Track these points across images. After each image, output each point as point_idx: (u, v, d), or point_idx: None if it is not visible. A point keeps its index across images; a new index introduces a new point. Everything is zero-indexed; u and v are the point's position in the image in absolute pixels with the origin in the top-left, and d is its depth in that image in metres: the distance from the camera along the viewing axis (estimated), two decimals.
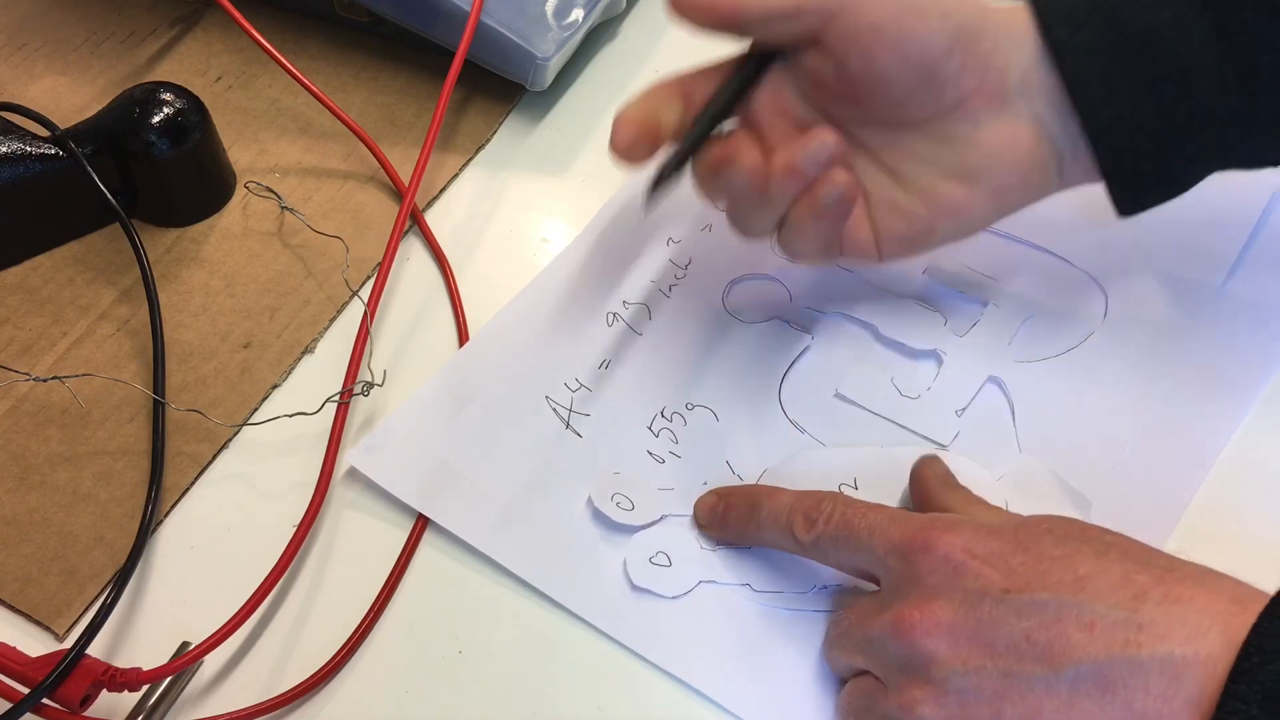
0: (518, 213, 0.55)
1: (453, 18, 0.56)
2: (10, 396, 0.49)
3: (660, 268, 0.51)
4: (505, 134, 0.58)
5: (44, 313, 0.51)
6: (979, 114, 0.40)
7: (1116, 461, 0.44)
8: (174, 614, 0.43)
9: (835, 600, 0.42)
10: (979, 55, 0.40)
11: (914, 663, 0.35)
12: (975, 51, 0.40)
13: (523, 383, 0.48)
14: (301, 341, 0.50)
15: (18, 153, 0.50)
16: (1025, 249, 0.51)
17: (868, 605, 0.38)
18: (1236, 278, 0.49)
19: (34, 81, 0.60)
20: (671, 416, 0.47)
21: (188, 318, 0.51)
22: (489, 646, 0.42)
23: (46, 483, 0.46)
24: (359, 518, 0.45)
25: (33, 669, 0.38)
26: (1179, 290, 0.49)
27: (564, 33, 0.57)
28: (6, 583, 0.43)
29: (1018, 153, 0.41)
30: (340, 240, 0.53)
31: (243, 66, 0.61)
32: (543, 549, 0.43)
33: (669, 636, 0.41)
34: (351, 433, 0.47)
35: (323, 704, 0.41)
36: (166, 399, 0.48)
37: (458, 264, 0.53)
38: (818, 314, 0.50)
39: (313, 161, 0.57)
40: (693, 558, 0.43)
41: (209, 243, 0.54)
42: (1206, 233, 0.51)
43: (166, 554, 0.44)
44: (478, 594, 0.43)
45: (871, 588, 0.39)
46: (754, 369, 0.48)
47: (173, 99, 0.52)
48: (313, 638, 0.42)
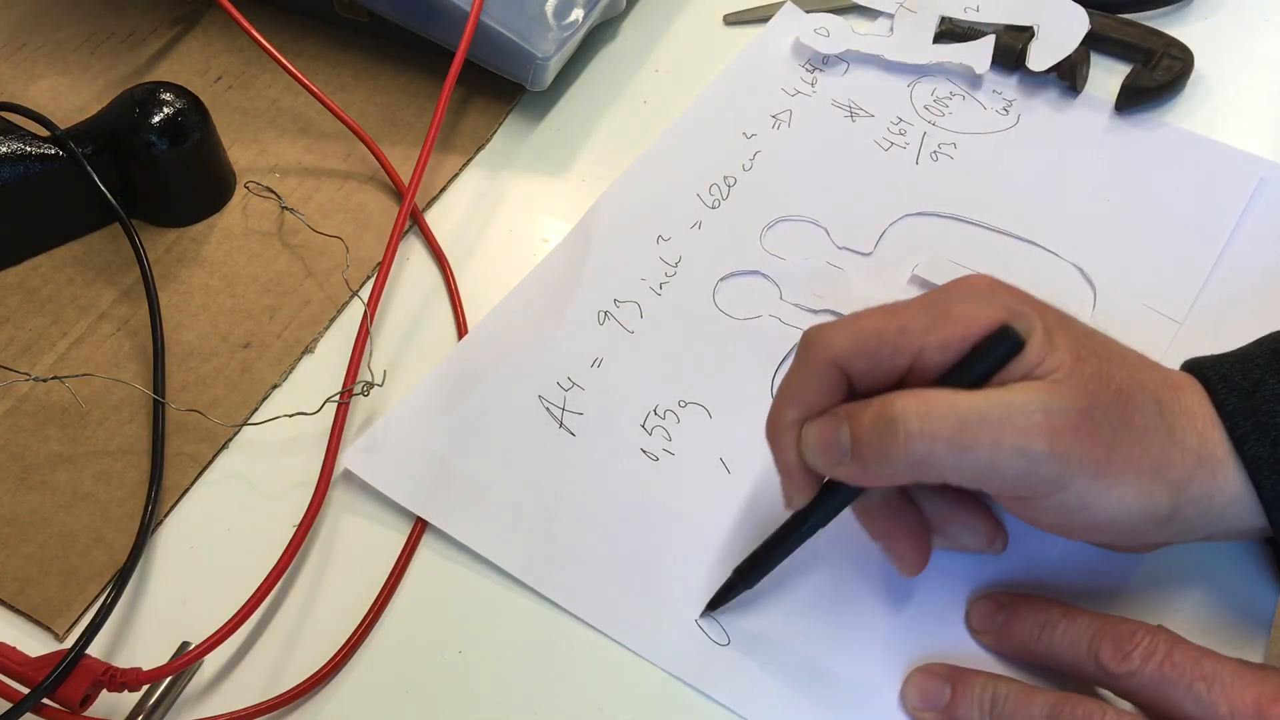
0: (517, 212, 0.55)
1: (453, 18, 0.56)
2: (10, 396, 0.49)
3: (651, 266, 0.52)
4: (505, 134, 0.58)
5: (44, 313, 0.51)
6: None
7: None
8: (174, 614, 0.43)
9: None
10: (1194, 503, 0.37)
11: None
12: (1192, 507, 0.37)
13: (516, 382, 0.48)
14: (301, 341, 0.50)
15: (18, 153, 0.50)
16: (1013, 242, 0.51)
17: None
18: (1222, 266, 0.50)
19: (34, 81, 0.60)
20: (664, 414, 0.47)
21: (188, 318, 0.51)
22: (489, 646, 0.42)
23: (46, 483, 0.46)
24: (359, 518, 0.45)
25: (33, 669, 0.38)
26: (1166, 281, 0.50)
27: (564, 33, 0.57)
28: (6, 583, 0.44)
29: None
30: (340, 240, 0.53)
31: (243, 66, 0.61)
32: (538, 549, 0.43)
33: (668, 636, 0.41)
34: (351, 433, 0.47)
35: (323, 704, 0.41)
36: (166, 399, 0.48)
37: (458, 264, 0.53)
38: (808, 311, 0.50)
39: (313, 161, 0.57)
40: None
41: (209, 243, 0.54)
42: (1192, 224, 0.52)
43: (166, 554, 0.45)
44: (477, 594, 0.43)
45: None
46: (746, 366, 0.48)
47: (173, 99, 0.52)
48: (313, 638, 0.42)
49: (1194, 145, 0.55)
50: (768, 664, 0.41)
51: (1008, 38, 0.58)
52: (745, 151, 0.56)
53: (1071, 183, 0.54)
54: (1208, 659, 0.36)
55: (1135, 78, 0.56)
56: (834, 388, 0.37)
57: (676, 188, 0.54)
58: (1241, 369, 0.38)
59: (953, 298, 0.37)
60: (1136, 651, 0.36)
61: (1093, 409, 0.35)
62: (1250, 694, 0.35)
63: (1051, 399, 0.35)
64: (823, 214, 0.53)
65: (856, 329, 0.37)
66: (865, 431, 0.36)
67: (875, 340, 0.36)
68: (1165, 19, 0.61)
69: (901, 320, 0.36)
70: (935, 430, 0.34)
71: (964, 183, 0.54)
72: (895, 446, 0.35)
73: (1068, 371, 0.35)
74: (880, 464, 0.35)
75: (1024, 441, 0.34)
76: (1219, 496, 0.37)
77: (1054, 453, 0.34)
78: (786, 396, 0.38)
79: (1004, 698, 0.37)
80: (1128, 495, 0.36)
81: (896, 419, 0.35)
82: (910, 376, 0.36)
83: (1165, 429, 0.37)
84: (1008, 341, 0.35)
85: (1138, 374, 0.37)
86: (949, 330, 0.36)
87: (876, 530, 0.40)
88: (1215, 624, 0.41)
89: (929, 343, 0.36)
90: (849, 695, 0.40)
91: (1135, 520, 0.36)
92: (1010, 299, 0.37)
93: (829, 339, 0.37)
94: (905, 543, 0.40)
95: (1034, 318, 0.36)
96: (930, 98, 0.58)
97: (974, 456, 0.34)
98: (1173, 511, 0.37)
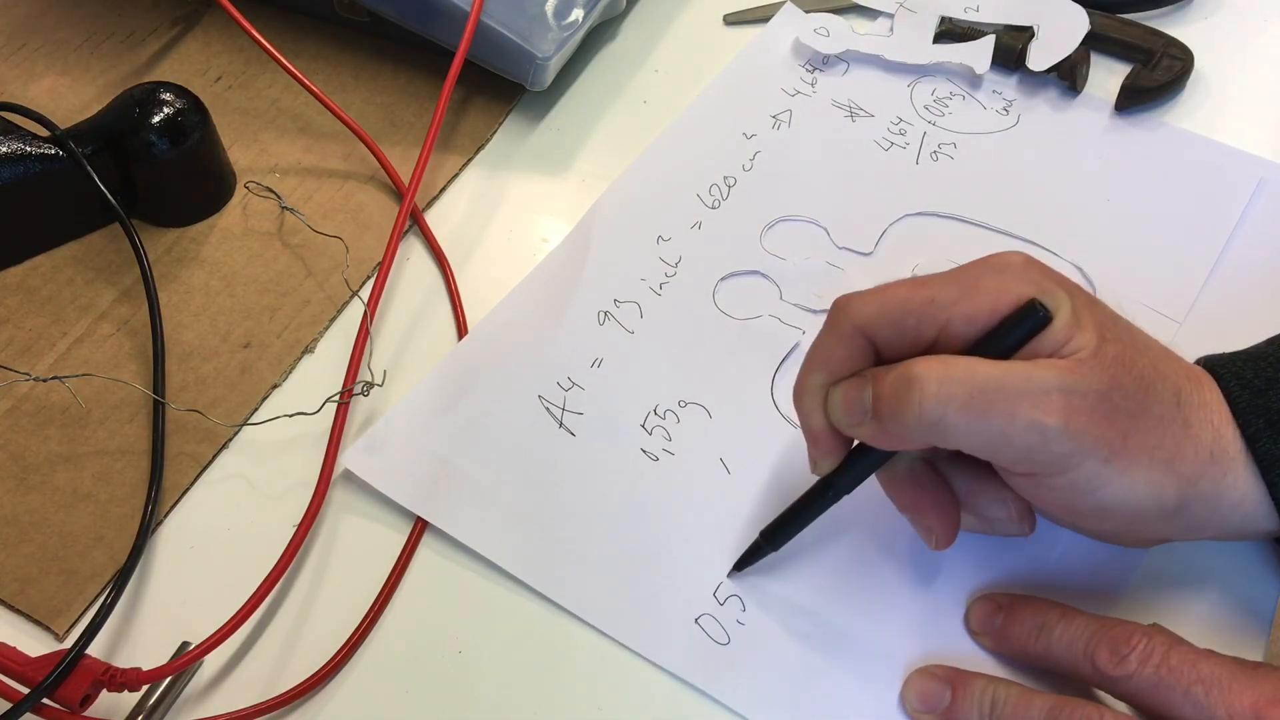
0: (518, 213, 0.55)
1: (453, 18, 0.56)
2: (10, 396, 0.49)
3: (651, 266, 0.52)
4: (505, 134, 0.58)
5: (44, 313, 0.51)
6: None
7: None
8: (174, 614, 0.43)
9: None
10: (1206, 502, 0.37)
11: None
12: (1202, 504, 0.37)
13: (516, 382, 0.48)
14: (301, 341, 0.50)
15: (18, 153, 0.50)
16: (1013, 242, 0.51)
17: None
18: (1222, 266, 0.50)
19: (34, 81, 0.60)
20: (664, 414, 0.47)
21: (188, 318, 0.51)
22: (489, 646, 0.42)
23: (46, 483, 0.46)
24: (359, 518, 0.45)
25: (33, 669, 0.38)
26: (1166, 281, 0.50)
27: (564, 33, 0.57)
28: (6, 583, 0.44)
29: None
30: (340, 240, 0.53)
31: (243, 66, 0.61)
32: (538, 549, 0.43)
33: (668, 635, 0.41)
34: (351, 433, 0.47)
35: (323, 704, 0.41)
36: (166, 399, 0.48)
37: (458, 264, 0.53)
38: (807, 311, 0.50)
39: (313, 161, 0.57)
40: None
41: (209, 243, 0.54)
42: (1192, 224, 0.52)
43: (166, 554, 0.45)
44: (477, 594, 0.43)
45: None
46: (746, 365, 0.48)
47: (173, 99, 0.52)
48: (313, 638, 0.42)
49: (1194, 145, 0.55)
50: (767, 664, 0.41)
51: (1008, 38, 0.58)
52: (745, 151, 0.56)
53: (1071, 183, 0.54)
54: (1205, 661, 0.36)
55: (1135, 78, 0.56)
56: (860, 354, 0.37)
57: (676, 188, 0.54)
58: (1255, 367, 0.38)
59: (983, 272, 0.37)
60: (1133, 655, 0.36)
61: (1113, 392, 0.35)
62: (1248, 697, 0.35)
63: (1073, 378, 0.35)
64: (823, 214, 0.53)
65: (885, 298, 0.37)
66: (885, 390, 0.36)
67: (902, 310, 0.37)
68: (1165, 19, 0.61)
69: (930, 291, 0.36)
70: (952, 394, 0.34)
71: (964, 183, 0.54)
72: (911, 406, 0.35)
73: (1092, 352, 0.35)
74: (896, 423, 0.35)
75: (1039, 416, 0.34)
76: (1229, 495, 0.37)
77: (1068, 431, 0.34)
78: (814, 361, 0.39)
79: (1003, 701, 0.37)
80: (1137, 483, 0.36)
81: (915, 379, 0.35)
82: (936, 348, 0.37)
83: (1182, 421, 0.37)
84: (1035, 317, 0.35)
85: (1160, 363, 0.37)
86: (977, 303, 0.36)
87: (903, 501, 0.40)
88: (1215, 624, 0.41)
89: (956, 314, 0.36)
90: (849, 695, 0.40)
91: (1141, 510, 0.36)
92: (1041, 276, 0.37)
93: (857, 307, 0.37)
94: (932, 515, 0.40)
95: (1063, 296, 0.36)
96: (930, 98, 0.58)
97: (987, 425, 0.34)
98: (1179, 506, 0.37)
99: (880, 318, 0.37)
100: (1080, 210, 0.53)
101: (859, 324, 0.37)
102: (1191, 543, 0.42)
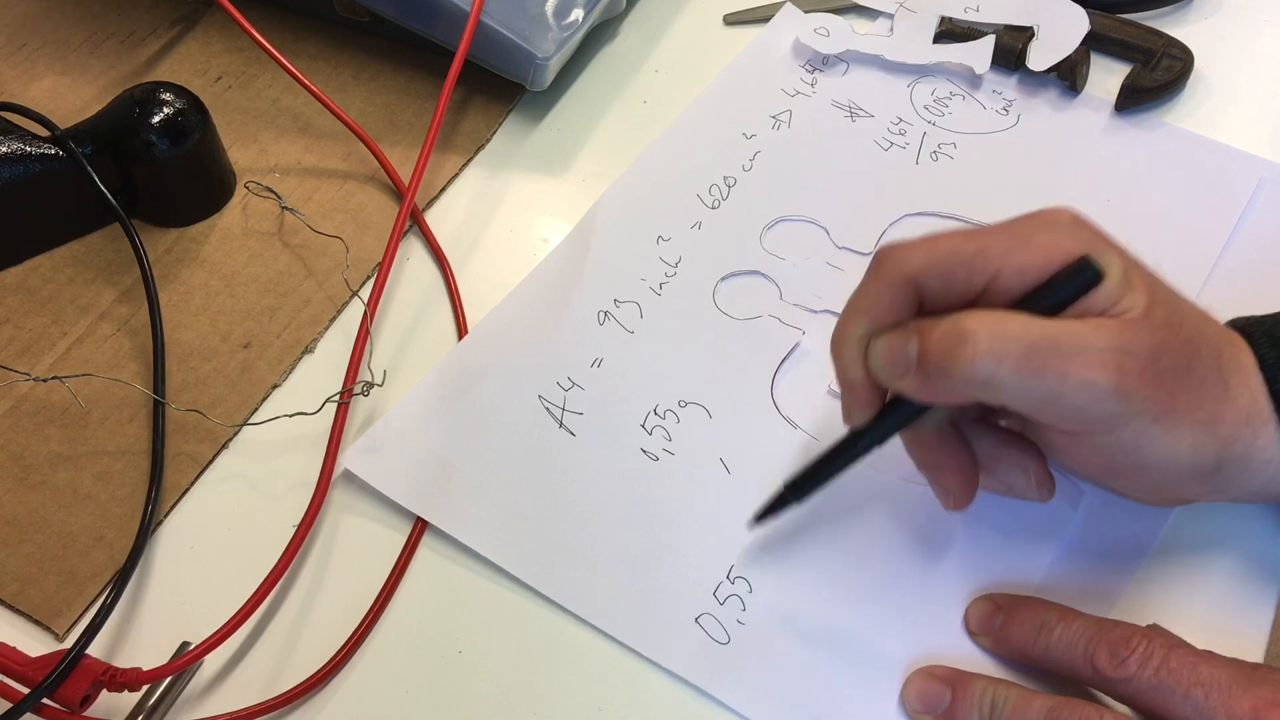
0: (517, 213, 0.55)
1: (453, 18, 0.56)
2: (10, 396, 0.49)
3: (651, 266, 0.52)
4: (505, 134, 0.58)
5: (44, 313, 0.51)
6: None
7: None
8: (174, 614, 0.43)
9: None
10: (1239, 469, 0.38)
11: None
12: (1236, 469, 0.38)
13: (516, 382, 0.48)
14: (301, 341, 0.50)
15: (18, 153, 0.50)
16: None
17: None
18: (1222, 266, 0.50)
19: (34, 81, 0.60)
20: (664, 414, 0.47)
21: (188, 318, 0.51)
22: (488, 646, 0.42)
23: (46, 483, 0.46)
24: (359, 517, 0.45)
25: (33, 669, 0.38)
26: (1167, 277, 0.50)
27: (564, 33, 0.57)
28: (6, 583, 0.44)
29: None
30: (340, 240, 0.53)
31: (243, 66, 0.61)
32: (538, 548, 0.43)
33: (668, 635, 0.41)
34: (351, 433, 0.47)
35: (323, 704, 0.41)
36: (166, 399, 0.48)
37: (458, 264, 0.53)
38: (807, 311, 0.50)
39: (313, 161, 0.57)
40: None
41: (209, 243, 0.54)
42: (1192, 224, 0.52)
43: (166, 554, 0.45)
44: (477, 594, 0.43)
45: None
46: (746, 366, 0.48)
47: (173, 99, 0.52)
48: (313, 638, 0.42)
49: (1194, 145, 0.55)
50: (767, 664, 0.41)
51: (1008, 38, 0.58)
52: (745, 151, 0.56)
53: (1071, 182, 0.54)
54: (1205, 664, 0.36)
55: (1135, 78, 0.56)
56: (905, 304, 0.37)
57: (676, 188, 0.54)
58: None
59: (1035, 226, 0.37)
60: (1133, 657, 0.36)
61: (1161, 354, 0.35)
62: (1248, 700, 0.35)
63: (1124, 338, 0.35)
64: (822, 214, 0.53)
65: (934, 247, 0.37)
66: (934, 345, 0.35)
67: (952, 259, 0.36)
68: (1165, 19, 0.61)
69: (980, 242, 0.36)
70: (1005, 349, 0.34)
71: (964, 183, 0.54)
72: (963, 361, 0.34)
73: (1142, 313, 0.35)
74: (944, 378, 0.35)
75: (1092, 375, 0.34)
76: (1259, 455, 0.37)
77: (1120, 390, 0.34)
78: (856, 309, 0.38)
79: (1003, 702, 0.37)
80: (1181, 444, 0.36)
81: (968, 334, 0.34)
82: (983, 300, 0.36)
83: (1222, 382, 0.37)
84: (1087, 273, 0.35)
85: (1203, 326, 0.38)
86: (1028, 256, 0.36)
87: (925, 460, 0.40)
88: (1215, 624, 0.41)
89: (1007, 267, 0.36)
90: (849, 695, 0.40)
91: (1181, 470, 0.37)
92: (1092, 235, 0.37)
93: (906, 255, 0.37)
94: (952, 476, 0.40)
95: (1114, 255, 0.36)
96: (930, 98, 0.58)
97: (1039, 382, 0.34)
98: (1216, 467, 0.37)
99: (930, 267, 0.36)
100: (1080, 210, 0.53)
101: (908, 273, 0.37)
102: (1191, 543, 0.42)
